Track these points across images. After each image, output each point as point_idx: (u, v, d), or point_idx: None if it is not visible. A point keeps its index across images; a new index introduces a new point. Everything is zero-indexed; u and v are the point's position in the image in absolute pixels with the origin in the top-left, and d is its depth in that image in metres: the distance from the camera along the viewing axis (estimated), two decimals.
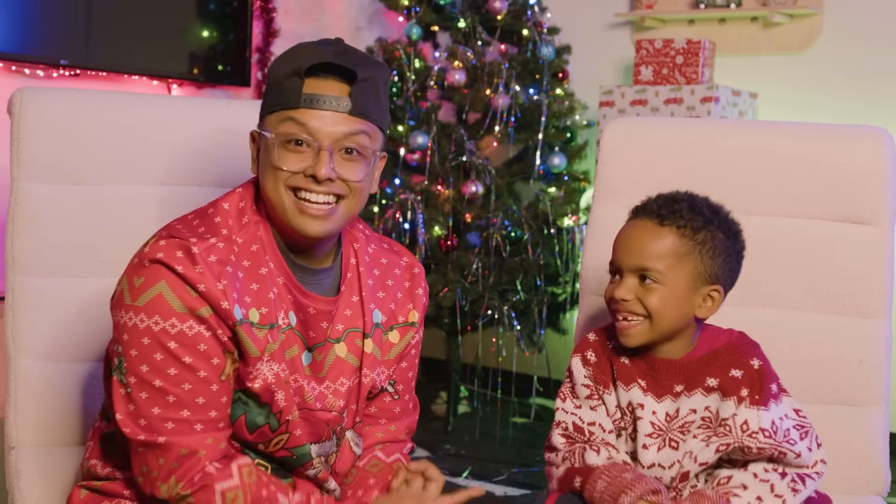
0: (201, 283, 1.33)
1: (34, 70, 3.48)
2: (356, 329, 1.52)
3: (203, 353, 1.36)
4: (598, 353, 1.59)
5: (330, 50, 1.39)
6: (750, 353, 1.51)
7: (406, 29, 4.01)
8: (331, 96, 1.38)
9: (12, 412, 1.72)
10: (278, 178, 1.39)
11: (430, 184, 3.85)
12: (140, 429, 1.36)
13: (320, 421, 1.48)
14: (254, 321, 1.38)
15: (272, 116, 1.40)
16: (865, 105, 3.70)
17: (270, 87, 1.41)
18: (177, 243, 1.36)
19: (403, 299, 1.59)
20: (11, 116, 1.73)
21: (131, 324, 1.35)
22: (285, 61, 1.39)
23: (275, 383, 1.41)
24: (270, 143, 1.39)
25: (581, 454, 1.55)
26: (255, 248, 1.41)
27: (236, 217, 1.43)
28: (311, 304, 1.45)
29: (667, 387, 1.53)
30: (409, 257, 1.64)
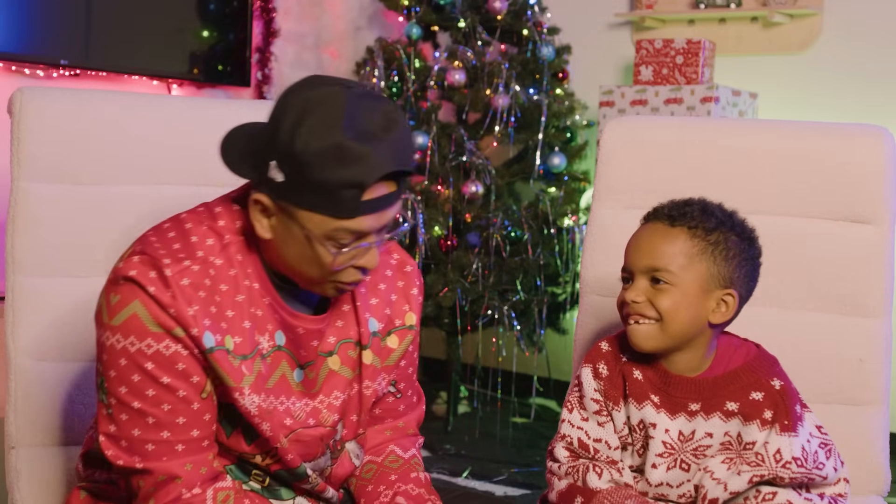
0: (172, 307, 1.29)
1: (34, 70, 3.49)
2: (349, 340, 1.47)
3: (182, 371, 1.31)
4: (610, 366, 1.55)
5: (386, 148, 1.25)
6: (769, 373, 1.48)
7: (406, 29, 4.01)
8: (388, 196, 1.29)
9: (12, 412, 1.72)
10: (325, 273, 1.32)
11: (430, 184, 3.86)
12: (121, 451, 1.33)
13: (313, 438, 1.44)
14: (229, 349, 1.33)
15: (315, 216, 1.27)
16: (866, 105, 3.70)
17: (314, 188, 1.25)
18: (150, 262, 1.30)
19: (398, 301, 1.53)
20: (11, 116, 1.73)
21: (108, 343, 1.31)
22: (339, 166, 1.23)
23: (258, 415, 1.36)
24: (311, 236, 1.29)
25: (583, 474, 1.53)
26: (233, 273, 1.35)
27: (216, 238, 1.35)
28: (299, 324, 1.40)
29: (681, 404, 1.49)
30: (399, 253, 1.57)
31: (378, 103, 1.28)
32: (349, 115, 1.24)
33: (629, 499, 1.47)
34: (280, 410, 1.40)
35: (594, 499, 1.49)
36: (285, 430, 1.40)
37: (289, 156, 1.24)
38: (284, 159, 1.25)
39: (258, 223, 1.32)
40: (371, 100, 1.27)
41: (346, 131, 1.22)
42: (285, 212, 1.29)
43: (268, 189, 1.29)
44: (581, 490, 1.52)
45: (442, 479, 3.25)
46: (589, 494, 1.50)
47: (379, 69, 3.95)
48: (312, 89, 1.27)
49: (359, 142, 1.23)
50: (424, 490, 1.53)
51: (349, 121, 1.23)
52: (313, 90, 1.27)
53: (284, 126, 1.25)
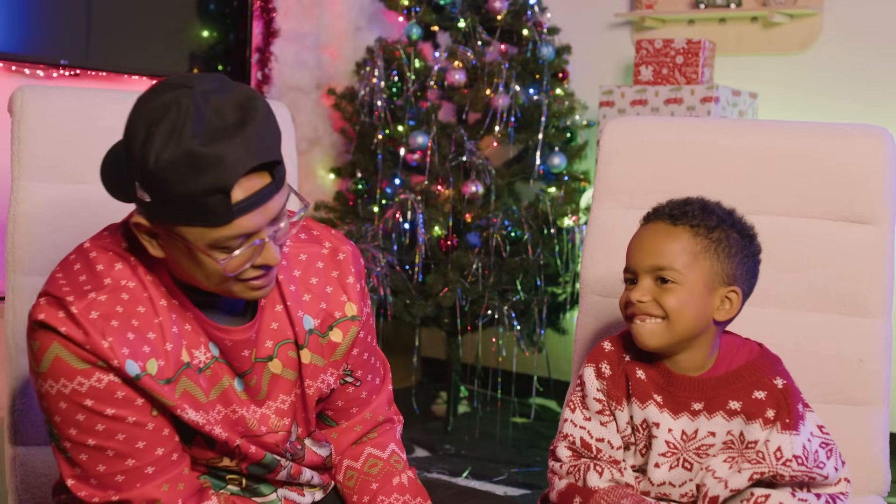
0: (87, 343, 1.24)
1: (34, 70, 3.49)
2: (287, 341, 1.40)
3: (123, 399, 1.27)
4: (613, 366, 1.55)
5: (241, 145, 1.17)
6: (772, 372, 1.48)
7: (406, 29, 4.01)
8: (261, 191, 1.21)
9: (12, 412, 1.72)
10: (224, 280, 1.26)
11: (430, 184, 3.86)
12: (93, 489, 1.31)
13: (268, 444, 1.40)
14: (152, 373, 1.28)
15: (191, 229, 1.21)
16: (865, 105, 3.70)
17: (179, 202, 1.18)
18: (56, 302, 1.26)
19: (335, 293, 1.44)
20: (12, 115, 1.73)
21: (44, 390, 1.27)
22: (194, 175, 1.16)
23: (207, 423, 1.33)
24: (195, 248, 1.23)
25: (584, 473, 1.53)
26: (146, 294, 1.29)
27: (123, 262, 1.30)
28: (225, 336, 1.34)
29: (684, 404, 1.50)
30: (331, 240, 1.47)
31: (229, 95, 1.20)
32: (196, 116, 1.16)
33: (625, 497, 1.47)
34: (233, 419, 1.37)
35: (591, 498, 1.49)
36: (238, 434, 1.38)
37: (146, 175, 1.18)
38: (144, 178, 1.19)
39: (148, 244, 1.28)
40: (221, 93, 1.20)
41: (193, 137, 1.15)
42: (165, 229, 1.24)
43: (142, 210, 1.25)
44: (580, 490, 1.52)
45: (442, 479, 3.25)
46: (587, 494, 1.50)
47: (379, 69, 3.95)
48: (156, 97, 1.20)
49: (209, 145, 1.15)
50: (409, 495, 1.51)
51: (196, 124, 1.16)
52: (157, 98, 1.19)
53: (136, 144, 1.19)
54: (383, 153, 3.97)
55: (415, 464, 3.42)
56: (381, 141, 3.96)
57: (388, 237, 3.83)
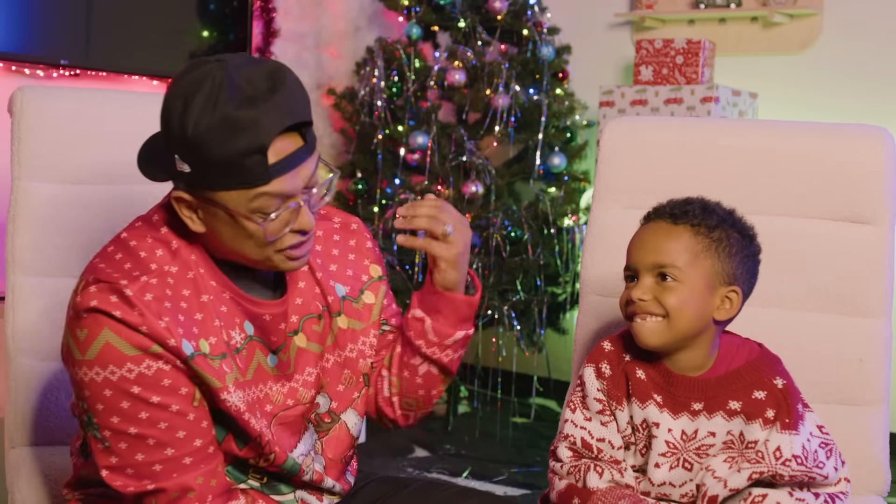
0: (143, 325, 1.27)
1: (34, 70, 3.49)
2: (311, 315, 1.47)
3: (169, 387, 1.30)
4: (613, 366, 1.55)
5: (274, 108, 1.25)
6: (772, 372, 1.48)
7: (406, 29, 4.01)
8: (297, 152, 1.28)
9: (12, 412, 1.72)
10: (264, 246, 1.32)
11: (430, 184, 3.86)
12: (128, 479, 1.32)
13: (295, 417, 1.44)
14: (206, 352, 1.32)
15: (231, 193, 1.28)
16: (865, 105, 3.70)
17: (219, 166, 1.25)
18: (108, 287, 1.28)
19: (358, 259, 1.54)
20: (12, 115, 1.73)
21: (87, 379, 1.29)
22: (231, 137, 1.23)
23: (246, 410, 1.36)
24: (236, 214, 1.29)
25: (584, 473, 1.53)
26: (191, 275, 1.34)
27: (164, 246, 1.35)
28: (263, 311, 1.40)
29: (684, 404, 1.50)
30: (340, 216, 1.58)
31: (259, 67, 1.28)
32: (230, 86, 1.24)
33: (623, 499, 1.47)
34: (261, 398, 1.40)
35: (589, 500, 1.49)
36: (268, 417, 1.40)
37: (186, 144, 1.25)
38: (184, 149, 1.26)
39: (188, 220, 1.33)
40: (251, 65, 1.28)
41: (229, 102, 1.23)
42: (205, 199, 1.30)
43: (182, 183, 1.31)
44: (578, 491, 1.52)
45: (442, 479, 3.25)
46: (585, 495, 1.50)
47: (379, 69, 3.95)
48: (190, 73, 1.28)
49: (245, 108, 1.23)
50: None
51: (230, 92, 1.24)
52: (190, 74, 1.27)
53: (174, 117, 1.26)
54: (383, 153, 3.97)
55: (415, 464, 3.42)
56: (381, 141, 3.96)
57: (389, 237, 3.83)
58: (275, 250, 1.33)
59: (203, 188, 1.29)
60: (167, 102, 1.29)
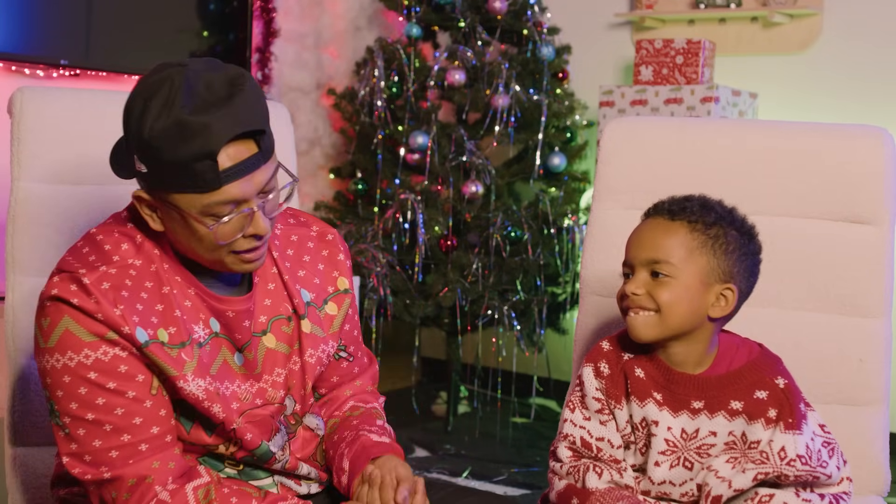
0: (98, 312, 1.30)
1: (34, 70, 3.49)
2: (280, 316, 1.49)
3: (125, 374, 1.33)
4: (611, 365, 1.55)
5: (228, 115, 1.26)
6: (773, 371, 1.49)
7: (406, 29, 4.01)
8: (248, 160, 1.29)
9: (12, 412, 1.72)
10: (215, 248, 1.34)
11: (430, 184, 3.86)
12: (86, 466, 1.34)
13: (265, 417, 1.46)
14: (164, 341, 1.35)
15: (183, 196, 1.30)
16: (865, 105, 3.70)
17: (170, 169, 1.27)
18: (68, 277, 1.32)
19: (327, 269, 1.56)
20: (12, 116, 1.73)
21: (49, 366, 1.32)
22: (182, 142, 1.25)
23: (206, 399, 1.37)
24: (187, 216, 1.31)
25: (584, 473, 1.53)
26: (154, 268, 1.38)
27: (129, 241, 1.38)
28: (227, 307, 1.42)
29: (684, 402, 1.50)
30: (318, 225, 1.59)
31: (219, 73, 1.30)
32: (187, 91, 1.27)
33: (622, 500, 1.47)
34: (227, 395, 1.42)
35: (588, 500, 1.49)
36: (235, 413, 1.41)
37: (142, 145, 1.28)
38: (140, 149, 1.29)
39: (148, 218, 1.36)
40: (212, 71, 1.31)
41: (183, 107, 1.25)
42: (161, 200, 1.33)
43: (141, 182, 1.34)
44: (577, 491, 1.52)
45: (442, 479, 3.25)
46: (584, 496, 1.50)
47: (379, 69, 3.95)
48: (152, 76, 1.31)
49: (197, 114, 1.25)
50: (388, 438, 1.54)
51: (187, 97, 1.26)
52: (153, 76, 1.31)
53: (133, 118, 1.29)
54: (383, 153, 3.97)
55: (415, 464, 3.42)
56: (381, 141, 3.96)
57: (388, 237, 3.83)
58: (227, 252, 1.35)
59: (158, 189, 1.32)
60: (129, 103, 1.31)
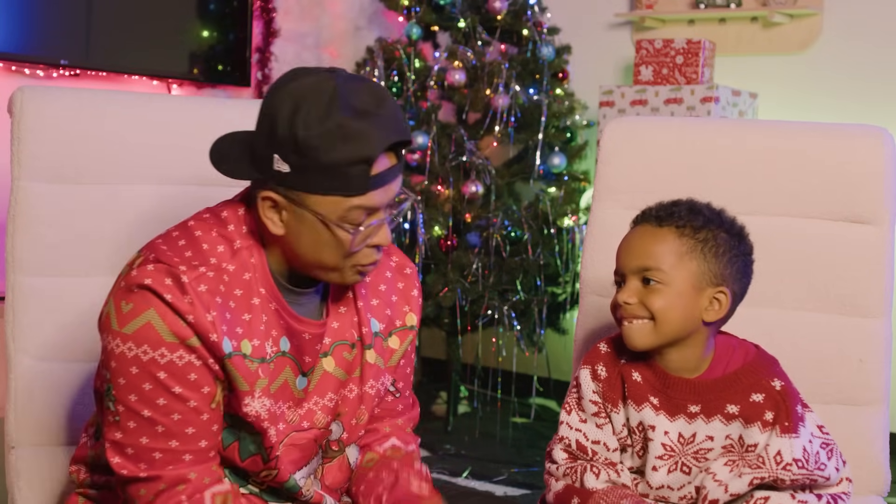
0: (190, 313, 1.29)
1: (34, 70, 3.49)
2: (344, 342, 1.47)
3: (193, 382, 1.31)
4: (608, 368, 1.55)
5: (383, 122, 1.29)
6: (769, 373, 1.48)
7: (406, 29, 4.01)
8: (392, 169, 1.33)
9: (12, 412, 1.72)
10: (344, 256, 1.34)
11: (430, 184, 3.85)
12: (126, 459, 1.33)
13: (307, 440, 1.44)
14: (246, 353, 1.34)
15: (324, 199, 1.30)
16: (865, 105, 3.70)
17: (323, 170, 1.28)
18: (165, 269, 1.30)
19: (399, 302, 1.54)
20: (12, 116, 1.73)
21: (118, 351, 1.30)
22: (343, 144, 1.27)
23: (267, 419, 1.37)
24: (326, 220, 1.31)
25: (581, 475, 1.53)
26: (247, 277, 1.36)
27: (226, 243, 1.36)
28: (304, 329, 1.41)
29: (680, 406, 1.49)
30: (398, 256, 1.58)
31: (363, 83, 1.32)
32: (342, 96, 1.28)
33: (625, 498, 1.47)
34: (277, 415, 1.40)
35: (590, 499, 1.49)
36: (281, 435, 1.40)
37: (292, 144, 1.27)
38: (288, 149, 1.28)
39: (269, 221, 1.34)
40: (357, 81, 1.32)
41: (343, 111, 1.27)
42: (296, 202, 1.31)
43: (275, 183, 1.31)
44: (578, 491, 1.52)
45: (442, 479, 3.25)
46: (585, 495, 1.50)
47: (379, 69, 3.95)
48: (299, 79, 1.30)
49: (358, 119, 1.27)
50: (427, 484, 1.52)
51: (343, 101, 1.27)
52: (300, 80, 1.30)
53: (281, 118, 1.28)
54: None
55: None
56: None
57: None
58: (351, 263, 1.35)
59: (298, 190, 1.30)
60: (273, 104, 1.30)
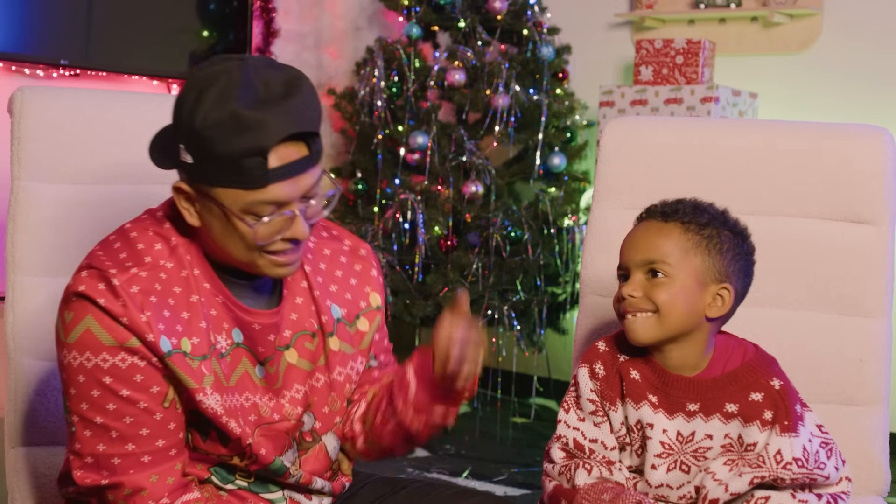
0: (124, 316, 1.28)
1: (34, 70, 3.49)
2: (304, 332, 1.46)
3: (140, 383, 1.31)
4: (607, 366, 1.55)
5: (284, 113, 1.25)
6: (768, 373, 1.48)
7: (406, 29, 4.01)
8: (297, 162, 1.28)
9: (12, 412, 1.72)
10: (251, 248, 1.31)
11: (430, 184, 3.86)
12: (87, 469, 1.34)
13: (280, 433, 1.43)
14: (186, 351, 1.32)
15: (227, 191, 1.27)
16: (865, 105, 3.70)
17: (219, 162, 1.25)
18: (98, 275, 1.30)
19: (359, 285, 1.53)
20: (12, 116, 1.73)
21: (66, 362, 1.31)
22: (236, 135, 1.23)
23: (224, 414, 1.35)
24: (228, 212, 1.29)
25: (573, 472, 1.53)
26: (184, 274, 1.35)
27: (163, 241, 1.36)
28: (254, 320, 1.39)
29: (679, 404, 1.49)
30: (350, 240, 1.56)
31: (278, 72, 1.29)
32: (245, 85, 1.25)
33: (605, 492, 1.47)
34: (246, 407, 1.40)
35: (574, 500, 1.49)
36: (251, 426, 1.40)
37: (192, 135, 1.26)
38: (189, 140, 1.27)
39: (185, 211, 1.33)
40: (271, 70, 1.29)
41: (240, 101, 1.24)
42: (202, 193, 1.30)
43: (184, 174, 1.32)
44: (564, 492, 1.52)
45: (442, 479, 3.25)
46: (571, 495, 1.50)
47: (379, 69, 3.95)
48: (209, 68, 1.29)
49: (254, 109, 1.24)
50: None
51: (245, 91, 1.24)
52: (209, 68, 1.29)
53: (185, 107, 1.27)
54: (383, 153, 3.97)
55: (415, 464, 3.42)
56: (381, 141, 3.96)
57: (388, 237, 3.83)
58: (261, 254, 1.32)
59: (202, 181, 1.29)
60: (182, 93, 1.29)
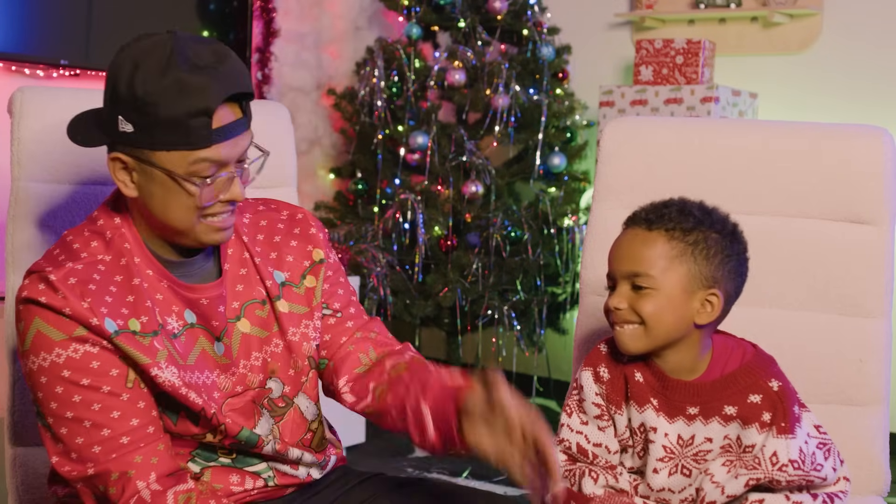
0: (66, 307, 1.32)
1: (34, 70, 3.48)
2: (253, 301, 1.50)
3: (98, 369, 1.34)
4: (611, 369, 1.54)
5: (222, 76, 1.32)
6: (767, 374, 1.48)
7: (406, 29, 4.01)
8: (237, 122, 1.35)
9: (12, 412, 1.72)
10: (193, 212, 1.36)
11: (430, 184, 3.86)
12: (73, 464, 1.35)
13: (246, 402, 1.47)
14: (135, 330, 1.36)
15: (170, 154, 1.33)
16: (865, 105, 3.70)
17: (165, 125, 1.31)
18: (36, 277, 1.34)
19: (300, 246, 1.56)
20: (11, 116, 1.73)
21: (27, 369, 1.35)
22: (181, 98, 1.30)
23: (182, 385, 1.38)
24: (173, 175, 1.34)
25: (579, 478, 1.53)
26: (124, 262, 1.39)
27: (99, 238, 1.41)
28: (200, 296, 1.44)
29: (679, 408, 1.49)
30: (287, 208, 1.60)
31: (205, 44, 1.36)
32: (180, 53, 1.31)
33: None
34: (208, 384, 1.42)
35: None
36: (216, 401, 1.42)
37: (133, 103, 1.31)
38: (129, 109, 1.31)
39: (122, 184, 1.37)
40: (198, 42, 1.35)
41: (181, 66, 1.30)
42: (143, 160, 1.34)
43: (122, 144, 1.35)
44: (575, 496, 1.51)
45: (442, 479, 3.25)
46: (583, 500, 1.50)
47: (379, 69, 3.95)
48: (139, 42, 1.35)
49: (195, 73, 1.30)
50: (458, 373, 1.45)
51: (181, 58, 1.31)
52: (141, 42, 1.35)
53: (121, 80, 1.32)
54: (383, 153, 3.97)
55: (415, 464, 3.42)
56: (381, 141, 3.96)
57: (388, 237, 3.83)
58: (200, 219, 1.37)
59: (144, 147, 1.33)
60: (114, 67, 1.35)
